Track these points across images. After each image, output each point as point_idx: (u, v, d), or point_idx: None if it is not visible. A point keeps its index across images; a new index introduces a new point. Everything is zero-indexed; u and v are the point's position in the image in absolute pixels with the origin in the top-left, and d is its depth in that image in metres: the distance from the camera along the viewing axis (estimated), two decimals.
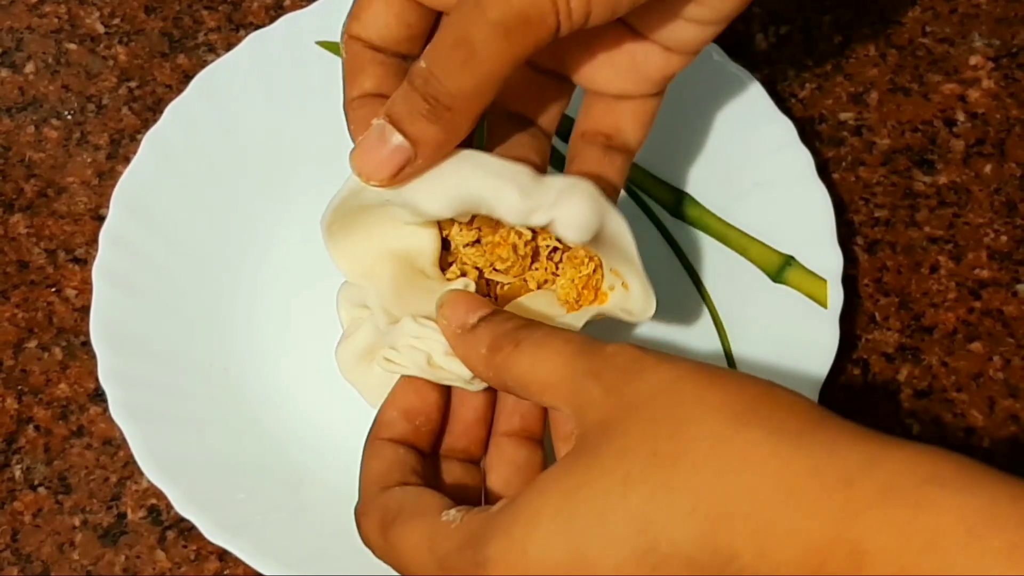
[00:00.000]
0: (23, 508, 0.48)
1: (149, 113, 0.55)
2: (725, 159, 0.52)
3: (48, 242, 0.52)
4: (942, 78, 0.56)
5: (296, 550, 0.44)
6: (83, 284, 0.51)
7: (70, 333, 0.51)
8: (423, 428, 0.40)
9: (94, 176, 0.54)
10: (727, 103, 0.53)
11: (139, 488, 0.48)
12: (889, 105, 0.55)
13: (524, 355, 0.36)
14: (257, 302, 0.50)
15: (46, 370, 0.50)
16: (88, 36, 0.57)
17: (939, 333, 0.50)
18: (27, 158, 0.54)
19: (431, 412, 0.40)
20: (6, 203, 0.53)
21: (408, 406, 0.40)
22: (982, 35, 0.57)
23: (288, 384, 0.48)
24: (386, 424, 0.40)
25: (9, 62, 0.56)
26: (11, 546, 0.47)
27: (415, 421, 0.40)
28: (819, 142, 0.54)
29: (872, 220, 0.53)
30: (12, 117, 0.55)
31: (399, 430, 0.40)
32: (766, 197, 0.51)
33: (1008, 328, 0.51)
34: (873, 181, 0.54)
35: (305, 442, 0.47)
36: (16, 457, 0.48)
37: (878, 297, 0.51)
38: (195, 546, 0.47)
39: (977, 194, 0.53)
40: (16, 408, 0.49)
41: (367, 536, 0.37)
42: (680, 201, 0.52)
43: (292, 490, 0.46)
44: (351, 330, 0.43)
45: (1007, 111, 0.55)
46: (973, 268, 0.52)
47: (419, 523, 0.35)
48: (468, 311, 0.38)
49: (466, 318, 0.38)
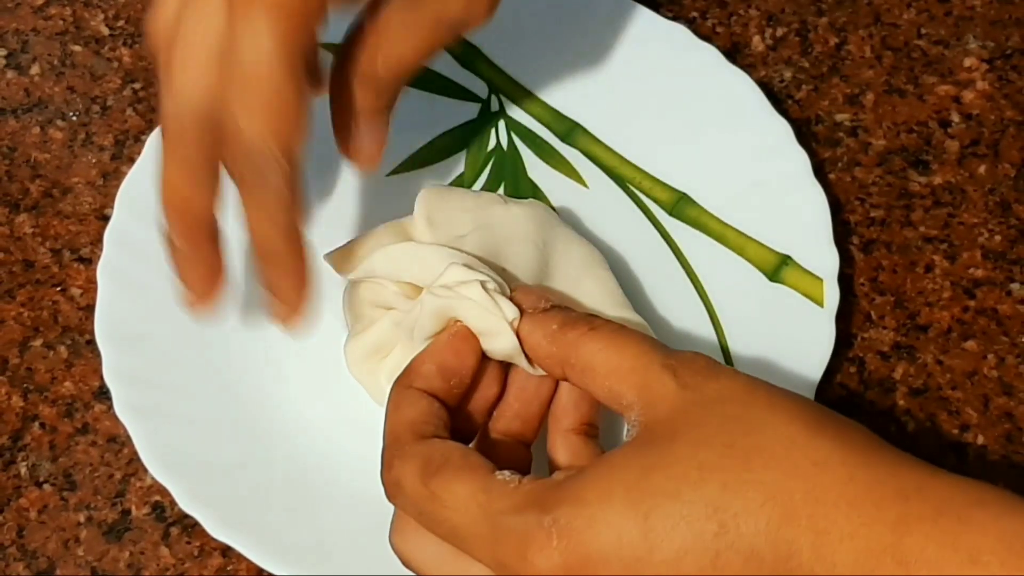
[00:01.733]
0: (28, 505, 0.48)
1: (153, 114, 0.55)
2: (723, 160, 0.52)
3: (53, 242, 0.53)
4: (937, 80, 0.56)
5: (299, 546, 0.45)
6: (88, 283, 0.51)
7: (75, 332, 0.51)
8: (455, 390, 0.40)
9: (99, 176, 0.54)
10: (725, 104, 0.53)
11: (143, 485, 0.48)
12: (884, 106, 0.56)
13: (598, 338, 0.37)
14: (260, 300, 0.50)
15: (51, 368, 0.50)
16: (93, 38, 0.58)
17: (934, 332, 0.51)
18: (32, 159, 0.55)
19: (465, 376, 0.40)
20: (12, 203, 0.54)
21: (445, 363, 0.40)
22: (976, 37, 0.57)
23: (291, 382, 0.49)
24: (422, 375, 0.39)
25: (15, 64, 0.57)
26: (17, 542, 0.47)
27: (450, 380, 0.39)
28: (815, 143, 0.55)
29: (868, 220, 0.53)
30: (18, 118, 0.56)
31: (434, 384, 0.39)
32: (763, 197, 0.51)
33: (1002, 327, 0.51)
34: (869, 181, 0.54)
35: (308, 440, 0.47)
36: (22, 454, 0.49)
37: (874, 296, 0.52)
38: (199, 542, 0.47)
39: (971, 194, 0.54)
40: (22, 406, 0.50)
41: (399, 480, 0.37)
42: (678, 201, 0.52)
43: (295, 487, 0.47)
44: (360, 327, 0.43)
45: (1001, 112, 0.55)
46: (968, 267, 0.52)
47: (471, 477, 0.35)
48: (540, 296, 0.40)
49: (538, 301, 0.39)
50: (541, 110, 0.54)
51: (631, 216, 0.52)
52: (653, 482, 0.33)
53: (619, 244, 0.51)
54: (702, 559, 0.32)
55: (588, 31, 0.55)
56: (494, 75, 0.55)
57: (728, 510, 0.32)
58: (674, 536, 0.32)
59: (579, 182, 0.53)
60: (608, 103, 0.54)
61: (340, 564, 0.44)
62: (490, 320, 0.39)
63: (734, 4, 0.58)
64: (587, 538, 0.33)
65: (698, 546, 0.32)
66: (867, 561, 0.32)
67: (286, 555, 0.44)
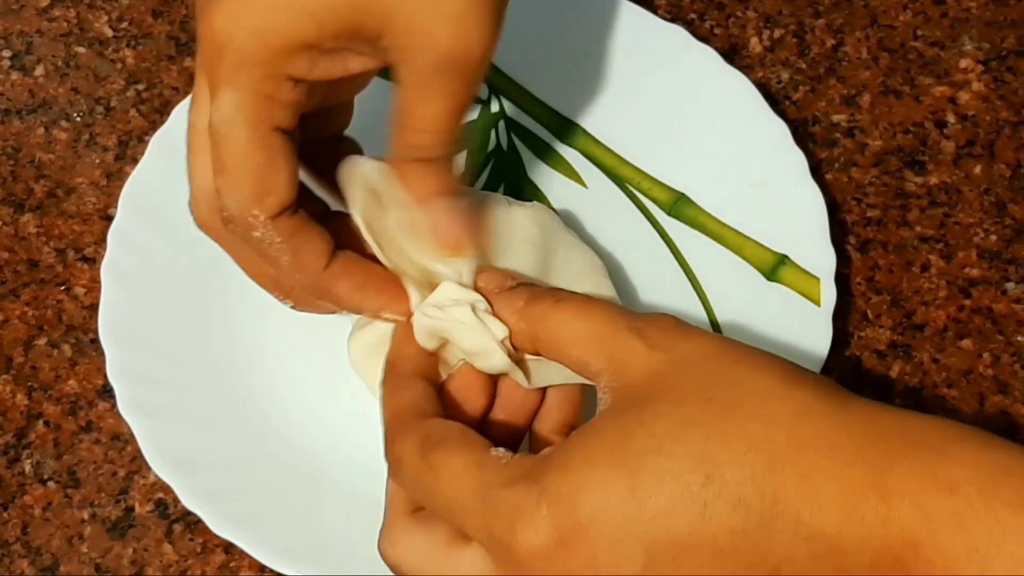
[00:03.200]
0: (33, 502, 0.48)
1: (156, 115, 0.56)
2: (721, 160, 0.53)
3: (57, 241, 0.53)
4: (933, 81, 0.57)
5: (301, 543, 0.45)
6: (92, 282, 0.52)
7: (79, 330, 0.51)
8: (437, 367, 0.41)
9: (102, 177, 0.55)
10: (723, 105, 0.53)
11: (146, 482, 0.48)
12: (881, 107, 0.56)
13: (563, 310, 0.38)
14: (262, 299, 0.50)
15: (55, 367, 0.51)
16: (97, 40, 0.58)
17: (930, 330, 0.51)
18: (37, 159, 0.55)
19: None
20: (17, 203, 0.54)
21: None
22: (972, 39, 0.58)
23: (293, 380, 0.49)
24: (407, 358, 0.40)
25: (19, 65, 0.57)
26: (21, 539, 0.47)
27: (431, 357, 0.40)
28: (812, 143, 0.55)
29: (864, 220, 0.54)
30: (22, 119, 0.56)
31: (420, 364, 0.40)
32: (761, 197, 0.52)
33: (997, 325, 0.51)
34: (865, 182, 0.54)
35: (310, 437, 0.48)
36: (26, 452, 0.49)
37: (870, 295, 0.52)
38: (201, 539, 0.47)
39: (967, 194, 0.54)
40: (26, 404, 0.50)
41: (400, 456, 0.37)
42: (677, 201, 0.52)
43: (297, 484, 0.47)
44: (363, 322, 0.44)
45: (996, 113, 0.56)
46: (963, 267, 0.53)
47: (467, 451, 0.36)
48: (506, 276, 0.40)
49: (504, 281, 0.40)
50: (541, 111, 0.55)
51: (630, 216, 0.52)
52: (636, 441, 0.33)
53: (618, 244, 0.51)
54: (691, 510, 0.33)
55: (587, 33, 0.55)
56: (494, 76, 0.55)
57: (713, 460, 0.33)
58: (661, 491, 0.33)
59: (578, 182, 0.53)
60: (607, 104, 0.54)
61: (341, 561, 0.45)
62: (480, 342, 0.40)
63: (732, 6, 0.59)
64: (576, 503, 0.33)
65: (686, 498, 0.33)
66: (851, 499, 0.32)
67: (288, 552, 0.45)
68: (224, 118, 0.38)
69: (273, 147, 0.38)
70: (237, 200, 0.39)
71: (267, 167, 0.38)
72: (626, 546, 0.33)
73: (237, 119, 0.38)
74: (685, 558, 0.33)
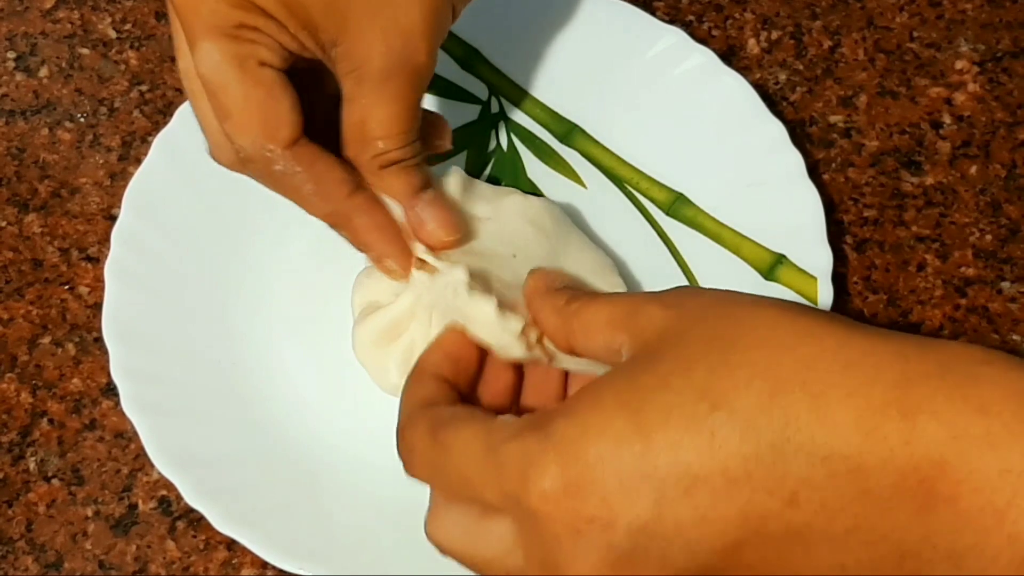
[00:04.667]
0: (37, 499, 0.48)
1: (160, 116, 0.56)
2: (719, 160, 0.53)
3: (61, 241, 0.53)
4: (929, 82, 0.57)
5: (303, 540, 0.45)
6: (95, 282, 0.52)
7: (83, 329, 0.51)
8: (462, 374, 0.40)
9: (106, 177, 0.55)
10: (721, 106, 0.54)
11: (150, 480, 0.48)
12: (877, 108, 0.56)
13: (596, 303, 0.37)
14: (265, 298, 0.51)
15: (60, 365, 0.51)
16: (100, 41, 0.58)
17: (926, 330, 0.51)
18: (41, 159, 0.55)
19: (472, 360, 0.40)
20: (21, 203, 0.54)
21: (452, 351, 0.40)
22: (968, 40, 0.58)
23: (296, 378, 0.49)
24: (431, 363, 0.40)
25: (24, 66, 0.57)
26: (26, 536, 0.48)
27: (458, 364, 0.40)
28: (810, 144, 0.55)
29: (861, 220, 0.54)
30: (27, 120, 0.56)
31: (444, 368, 0.40)
32: (758, 197, 0.52)
33: (993, 324, 0.52)
34: (862, 182, 0.55)
35: (313, 435, 0.48)
36: (31, 449, 0.49)
37: (867, 295, 0.52)
38: (204, 536, 0.47)
39: (963, 194, 0.54)
40: (31, 402, 0.50)
41: (412, 444, 0.37)
42: (675, 201, 0.53)
43: (299, 482, 0.47)
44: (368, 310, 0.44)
45: (992, 114, 0.56)
46: (959, 266, 0.53)
47: (474, 422, 0.35)
48: (556, 277, 0.41)
49: (553, 281, 0.40)
50: (540, 112, 0.55)
51: (629, 216, 0.53)
52: (640, 383, 0.33)
53: (617, 243, 0.51)
54: (699, 441, 0.31)
55: (586, 35, 0.55)
56: (494, 77, 0.55)
57: (717, 389, 0.32)
58: (668, 424, 0.32)
59: (578, 182, 0.54)
60: (606, 105, 0.55)
61: (344, 558, 0.45)
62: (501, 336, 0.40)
63: (730, 8, 0.59)
64: (583, 445, 0.32)
65: (693, 428, 0.31)
66: (871, 417, 0.31)
67: (291, 549, 0.45)
68: (212, 67, 0.39)
69: (267, 81, 0.40)
70: (250, 139, 0.40)
71: (268, 100, 0.40)
72: (636, 483, 0.32)
73: (223, 64, 0.39)
74: (697, 490, 0.31)
